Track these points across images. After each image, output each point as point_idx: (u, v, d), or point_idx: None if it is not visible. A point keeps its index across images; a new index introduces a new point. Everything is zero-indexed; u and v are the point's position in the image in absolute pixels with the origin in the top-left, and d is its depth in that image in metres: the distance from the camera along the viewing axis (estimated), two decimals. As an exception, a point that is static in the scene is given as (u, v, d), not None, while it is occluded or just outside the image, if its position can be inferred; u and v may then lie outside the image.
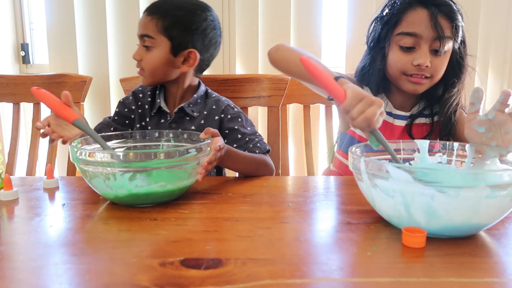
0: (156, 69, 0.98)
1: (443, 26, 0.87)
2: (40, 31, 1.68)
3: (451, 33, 0.88)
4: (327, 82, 0.65)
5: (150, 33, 0.95)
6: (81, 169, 0.68)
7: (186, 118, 1.02)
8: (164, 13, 0.96)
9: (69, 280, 0.45)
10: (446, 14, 0.87)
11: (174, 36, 0.96)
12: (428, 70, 0.90)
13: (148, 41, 0.96)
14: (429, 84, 0.93)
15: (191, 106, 1.02)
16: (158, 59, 0.97)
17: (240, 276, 0.45)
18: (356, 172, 0.59)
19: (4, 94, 1.29)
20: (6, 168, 1.28)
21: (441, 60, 0.90)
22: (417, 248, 0.52)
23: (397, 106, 1.01)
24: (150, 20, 0.95)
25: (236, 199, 0.73)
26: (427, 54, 0.89)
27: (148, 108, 1.04)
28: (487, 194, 0.50)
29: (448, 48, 0.90)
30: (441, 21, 0.87)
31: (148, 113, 1.04)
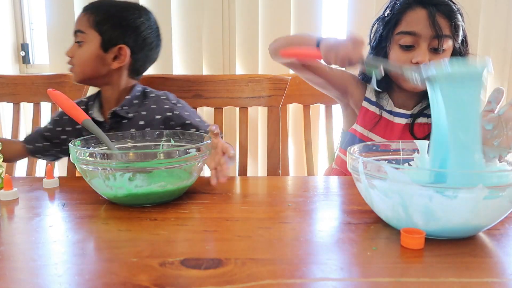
0: (86, 65, 0.96)
1: (441, 25, 0.89)
2: (40, 31, 1.68)
3: (450, 32, 0.90)
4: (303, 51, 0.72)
5: (82, 28, 0.95)
6: (81, 169, 0.68)
7: (123, 122, 0.98)
8: (97, 9, 0.96)
9: (69, 280, 0.45)
10: (445, 13, 0.89)
11: (105, 31, 0.95)
12: None
13: (80, 36, 0.95)
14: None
15: (126, 108, 0.97)
16: (88, 54, 0.95)
17: (240, 276, 0.45)
18: (354, 173, 0.59)
19: (4, 94, 1.29)
20: (6, 168, 1.28)
21: (438, 57, 0.92)
22: (417, 249, 0.52)
23: (399, 105, 1.01)
24: (83, 16, 0.96)
25: (236, 199, 0.73)
26: (426, 53, 0.90)
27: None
28: (485, 195, 0.50)
29: (447, 47, 0.91)
30: (440, 20, 0.89)
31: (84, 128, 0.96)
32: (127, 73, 1.00)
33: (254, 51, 1.51)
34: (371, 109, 1.03)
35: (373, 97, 1.04)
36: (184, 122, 0.99)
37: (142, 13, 0.99)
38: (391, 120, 1.01)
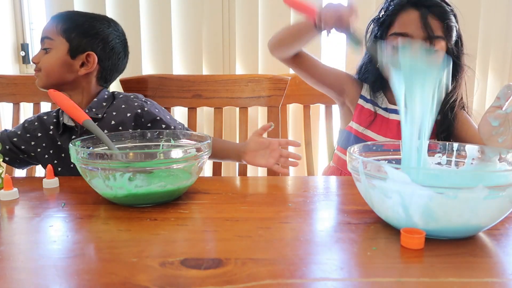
0: (52, 70, 0.97)
1: (433, 26, 0.90)
2: (40, 31, 1.68)
3: (442, 33, 0.91)
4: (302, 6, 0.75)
5: (50, 35, 0.97)
6: (81, 169, 0.68)
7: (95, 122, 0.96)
8: (65, 17, 0.99)
9: (69, 280, 0.45)
10: (437, 15, 0.90)
11: (73, 38, 0.97)
12: None
13: (47, 43, 0.97)
14: None
15: (94, 110, 0.98)
16: (55, 60, 0.96)
17: (240, 276, 0.45)
18: (354, 173, 0.59)
19: (4, 94, 1.29)
20: (6, 168, 1.28)
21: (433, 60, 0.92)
22: (417, 249, 0.52)
23: (394, 101, 1.02)
24: (52, 23, 0.98)
25: (236, 199, 0.73)
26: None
27: (54, 129, 1.00)
28: (485, 195, 0.50)
29: (440, 48, 0.92)
30: (432, 21, 0.90)
31: (57, 134, 0.99)
32: (95, 80, 1.01)
33: (254, 51, 1.51)
34: (366, 107, 1.04)
35: (368, 95, 1.05)
36: (155, 118, 1.00)
37: (111, 24, 1.02)
38: (386, 117, 1.02)
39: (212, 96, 1.21)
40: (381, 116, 1.03)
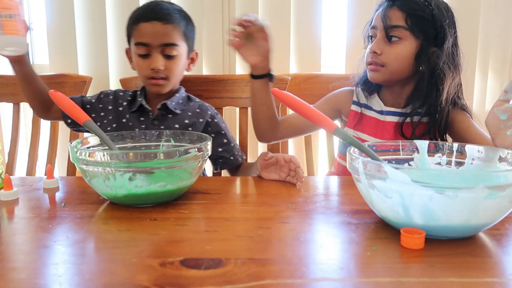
0: (179, 75, 1.05)
1: (392, 17, 0.92)
2: (40, 31, 1.68)
3: (404, 23, 0.92)
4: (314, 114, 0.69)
5: (176, 41, 1.00)
6: (81, 169, 0.68)
7: (168, 116, 1.05)
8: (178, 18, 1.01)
9: (69, 280, 0.45)
10: (399, 6, 0.92)
11: (189, 39, 1.04)
12: (380, 58, 0.95)
13: (175, 49, 1.00)
14: (387, 73, 0.96)
15: (173, 103, 1.05)
16: (183, 65, 1.04)
17: (240, 276, 0.45)
18: (354, 173, 0.59)
19: (4, 94, 1.29)
20: (6, 168, 1.28)
21: (393, 48, 0.94)
22: (417, 249, 0.52)
23: (389, 104, 1.03)
24: (173, 28, 0.99)
25: (236, 199, 0.73)
26: (379, 42, 0.95)
27: (127, 106, 1.07)
28: (485, 195, 0.50)
29: (402, 36, 0.92)
30: (392, 12, 0.92)
31: (127, 111, 1.06)
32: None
33: (254, 51, 1.51)
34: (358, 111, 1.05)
35: (361, 99, 1.06)
36: (220, 131, 1.08)
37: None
38: (382, 119, 1.02)
39: (212, 96, 1.21)
40: (375, 119, 1.03)
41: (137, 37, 1.01)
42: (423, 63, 0.94)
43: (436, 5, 0.92)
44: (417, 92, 0.97)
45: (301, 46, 1.51)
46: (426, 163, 0.71)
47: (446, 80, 0.94)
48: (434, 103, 0.95)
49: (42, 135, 1.32)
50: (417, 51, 0.93)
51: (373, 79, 0.98)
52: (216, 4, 1.49)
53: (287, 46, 1.50)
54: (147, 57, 1.00)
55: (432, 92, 0.94)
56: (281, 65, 1.51)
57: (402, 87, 1.00)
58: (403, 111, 1.00)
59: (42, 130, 1.31)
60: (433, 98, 0.94)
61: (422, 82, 0.95)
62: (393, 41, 0.93)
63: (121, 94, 1.10)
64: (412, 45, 0.93)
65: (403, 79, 0.98)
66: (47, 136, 1.30)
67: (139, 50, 1.00)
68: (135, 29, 1.01)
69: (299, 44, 1.51)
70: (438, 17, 0.91)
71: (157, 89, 1.03)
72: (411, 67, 0.95)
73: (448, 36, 0.93)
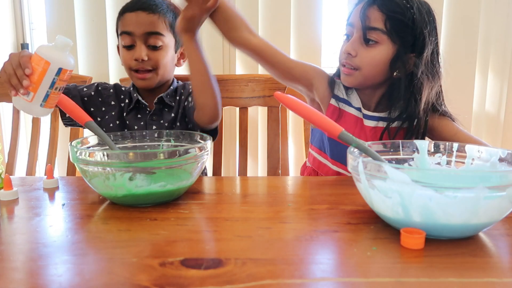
0: (166, 68, 1.02)
1: (371, 17, 0.87)
2: (40, 31, 1.68)
3: (383, 26, 0.87)
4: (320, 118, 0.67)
5: (160, 31, 0.98)
6: (81, 169, 0.68)
7: (165, 110, 1.05)
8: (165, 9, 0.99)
9: (69, 280, 0.45)
10: (379, 6, 0.87)
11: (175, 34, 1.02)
12: (355, 61, 0.91)
13: (159, 39, 0.98)
14: (360, 77, 0.92)
15: (168, 97, 1.05)
16: (171, 58, 1.02)
17: (240, 276, 0.45)
18: (354, 173, 0.59)
19: (4, 94, 1.29)
20: (6, 168, 1.28)
21: (369, 51, 0.89)
22: (417, 249, 0.52)
23: (367, 107, 0.99)
24: (158, 17, 0.98)
25: (236, 199, 0.73)
26: (354, 43, 0.90)
27: (127, 104, 1.06)
28: (485, 195, 0.50)
29: (379, 39, 0.88)
30: (372, 11, 0.87)
31: (126, 108, 1.05)
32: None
33: (254, 51, 1.51)
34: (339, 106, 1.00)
35: (342, 95, 1.01)
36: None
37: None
38: (361, 118, 0.98)
39: (212, 96, 1.21)
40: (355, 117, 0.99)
41: (121, 27, 1.00)
42: (398, 69, 0.90)
43: (418, 9, 0.87)
44: (392, 98, 0.93)
45: (301, 46, 1.51)
46: (426, 163, 0.71)
47: (424, 90, 0.90)
48: (412, 112, 0.91)
49: (42, 135, 1.32)
50: (393, 56, 0.89)
51: (346, 83, 0.95)
52: (216, 4, 1.48)
53: (287, 46, 1.50)
54: (131, 48, 0.99)
55: (410, 101, 0.91)
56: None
57: (373, 91, 0.97)
58: (381, 115, 0.97)
59: (42, 130, 1.31)
60: (412, 107, 0.91)
61: (398, 88, 0.91)
62: (370, 44, 0.89)
63: (122, 89, 1.09)
64: (388, 50, 0.89)
65: (375, 84, 0.94)
66: (47, 136, 1.30)
67: (124, 41, 0.99)
68: (120, 20, 1.01)
69: (299, 44, 1.51)
70: (418, 23, 0.87)
71: (144, 83, 1.01)
72: (385, 72, 0.91)
73: (428, 44, 0.89)
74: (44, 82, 0.69)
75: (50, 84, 0.70)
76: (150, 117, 1.04)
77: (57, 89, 0.71)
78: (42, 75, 0.69)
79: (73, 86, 1.07)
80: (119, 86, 1.10)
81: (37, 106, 0.71)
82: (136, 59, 0.97)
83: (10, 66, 0.72)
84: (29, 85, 0.70)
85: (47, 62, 0.69)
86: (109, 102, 1.07)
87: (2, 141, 1.61)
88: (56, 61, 0.69)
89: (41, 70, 0.69)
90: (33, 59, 0.70)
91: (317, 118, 0.67)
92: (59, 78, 0.70)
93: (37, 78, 0.69)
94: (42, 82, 0.69)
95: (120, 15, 1.01)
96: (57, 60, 0.69)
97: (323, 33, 1.50)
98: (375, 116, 0.98)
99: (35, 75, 0.69)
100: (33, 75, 0.69)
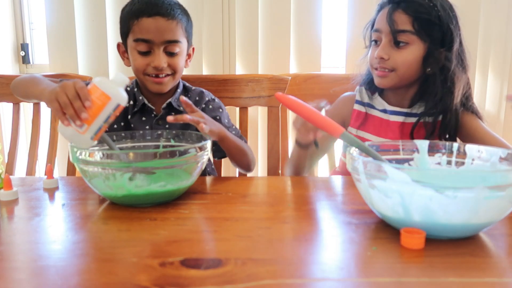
0: (182, 72, 1.01)
1: (398, 20, 0.91)
2: (40, 31, 1.69)
3: (411, 27, 0.90)
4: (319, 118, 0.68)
5: (179, 38, 0.96)
6: (81, 169, 0.68)
7: (171, 113, 1.02)
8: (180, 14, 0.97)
9: (69, 280, 0.45)
10: (405, 9, 0.90)
11: (189, 34, 1.00)
12: (389, 63, 0.94)
13: (178, 46, 0.96)
14: (396, 78, 0.95)
15: (176, 101, 1.03)
16: (183, 61, 1.00)
17: (240, 276, 0.45)
18: (354, 173, 0.59)
19: (4, 94, 1.29)
20: (6, 168, 1.28)
21: (401, 53, 0.92)
22: (417, 249, 0.52)
23: (394, 103, 1.02)
24: (176, 24, 0.95)
25: (236, 199, 0.73)
26: (385, 47, 0.93)
27: (131, 105, 1.03)
28: (485, 195, 0.50)
29: (409, 41, 0.91)
30: (398, 15, 0.91)
31: (130, 111, 1.03)
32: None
33: (254, 51, 1.51)
34: (362, 110, 1.04)
35: (364, 99, 1.05)
36: (214, 117, 1.03)
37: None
38: (386, 118, 1.02)
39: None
40: (379, 118, 1.03)
41: (137, 33, 0.94)
42: (430, 66, 0.93)
43: (442, 6, 0.91)
44: (428, 94, 0.95)
45: (301, 46, 1.51)
46: (426, 163, 0.71)
47: (459, 82, 0.94)
48: (448, 105, 0.94)
49: (42, 135, 1.31)
50: (425, 54, 0.92)
51: (382, 85, 0.97)
52: (216, 4, 1.49)
53: (287, 46, 1.50)
54: (147, 54, 0.95)
55: (447, 95, 0.94)
56: (281, 65, 1.51)
57: (407, 89, 0.99)
58: (408, 111, 0.99)
59: (42, 130, 1.31)
60: (448, 100, 0.94)
61: (433, 84, 0.94)
62: (401, 46, 0.92)
63: (127, 89, 1.05)
64: (419, 49, 0.92)
65: (410, 82, 0.97)
66: (47, 136, 1.30)
67: (140, 47, 0.95)
68: (135, 24, 0.94)
69: (299, 44, 1.51)
70: (444, 19, 0.90)
71: (160, 87, 0.98)
72: (419, 70, 0.94)
73: (456, 38, 0.92)
74: (101, 116, 0.68)
75: (105, 118, 0.68)
76: (156, 122, 1.02)
77: (108, 122, 0.70)
78: (100, 109, 0.68)
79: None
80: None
81: (87, 139, 0.69)
82: (155, 67, 0.95)
83: (65, 96, 0.68)
84: (87, 118, 0.68)
85: (108, 97, 0.67)
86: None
87: (2, 141, 1.61)
88: (117, 97, 0.68)
89: (100, 104, 0.67)
90: (92, 91, 0.68)
91: (319, 118, 0.67)
92: (114, 113, 0.69)
93: (94, 112, 0.68)
94: (99, 116, 0.68)
95: (135, 18, 0.94)
96: (117, 96, 0.68)
97: (323, 33, 1.50)
98: (403, 112, 1.00)
99: (93, 108, 0.68)
100: (91, 108, 0.67)
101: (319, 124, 0.67)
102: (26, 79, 0.98)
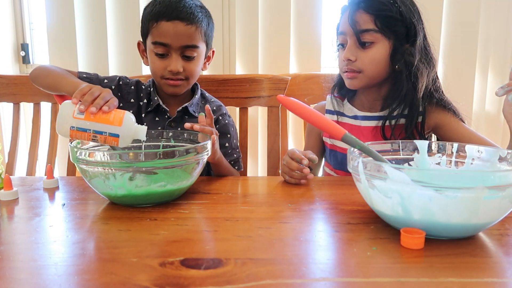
0: (197, 76, 1.01)
1: (360, 21, 0.90)
2: (40, 31, 1.69)
3: (374, 25, 0.89)
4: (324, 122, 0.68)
5: (197, 43, 0.95)
6: (81, 169, 0.68)
7: (185, 117, 1.03)
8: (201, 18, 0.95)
9: (69, 280, 0.45)
10: (365, 9, 0.90)
11: (209, 38, 1.00)
12: (356, 64, 0.93)
13: (195, 51, 0.95)
14: (365, 78, 0.94)
15: (192, 106, 1.03)
16: (200, 66, 1.00)
17: (240, 276, 0.45)
18: (354, 173, 0.59)
19: (4, 94, 1.29)
20: (6, 168, 1.28)
21: (367, 53, 0.91)
22: (417, 249, 0.52)
23: (366, 108, 1.01)
24: (195, 29, 0.94)
25: (236, 199, 0.73)
26: (351, 48, 0.92)
27: (145, 104, 1.03)
28: (485, 195, 0.50)
29: (374, 40, 0.90)
30: (359, 15, 0.90)
31: (144, 109, 1.03)
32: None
33: (254, 51, 1.51)
34: (333, 119, 1.04)
35: (332, 107, 1.05)
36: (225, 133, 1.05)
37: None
38: (357, 124, 1.01)
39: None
40: (349, 125, 1.01)
41: (156, 36, 0.94)
42: (398, 62, 0.92)
43: (402, 2, 0.90)
44: (395, 92, 0.94)
45: (301, 46, 1.51)
46: (426, 163, 0.71)
47: (422, 77, 0.92)
48: (412, 101, 0.93)
49: (42, 135, 1.32)
50: (391, 51, 0.91)
51: (352, 86, 0.96)
52: (216, 4, 1.49)
53: (287, 46, 1.50)
54: (164, 57, 0.95)
55: (410, 90, 0.93)
56: (281, 65, 1.51)
57: (379, 89, 0.98)
58: (379, 114, 0.98)
59: (42, 130, 1.31)
60: (411, 96, 0.93)
61: (399, 82, 0.93)
62: (366, 46, 0.91)
63: (142, 87, 1.05)
64: (385, 47, 0.91)
65: (380, 81, 0.96)
66: (47, 136, 1.30)
67: (157, 49, 0.94)
68: (154, 26, 0.94)
69: (299, 44, 1.51)
70: (406, 14, 0.90)
71: (174, 90, 0.99)
72: (387, 68, 0.93)
73: (419, 32, 0.92)
74: (99, 126, 0.70)
75: (98, 130, 0.70)
76: (168, 123, 1.02)
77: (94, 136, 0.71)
78: (105, 122, 0.70)
79: (95, 76, 1.03)
80: (140, 84, 1.06)
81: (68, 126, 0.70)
82: (171, 71, 0.95)
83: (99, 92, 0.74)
84: (96, 112, 0.71)
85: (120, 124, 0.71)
86: (128, 99, 1.03)
87: (2, 141, 1.61)
88: (124, 133, 0.71)
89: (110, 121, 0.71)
90: (116, 111, 0.73)
91: (320, 120, 0.67)
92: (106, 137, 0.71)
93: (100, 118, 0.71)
94: (98, 123, 0.70)
95: (154, 21, 0.94)
96: (125, 133, 0.71)
97: (323, 33, 1.50)
98: (375, 116, 0.99)
99: (102, 115, 0.71)
100: (102, 114, 0.71)
101: (321, 126, 0.67)
102: (57, 70, 0.97)
